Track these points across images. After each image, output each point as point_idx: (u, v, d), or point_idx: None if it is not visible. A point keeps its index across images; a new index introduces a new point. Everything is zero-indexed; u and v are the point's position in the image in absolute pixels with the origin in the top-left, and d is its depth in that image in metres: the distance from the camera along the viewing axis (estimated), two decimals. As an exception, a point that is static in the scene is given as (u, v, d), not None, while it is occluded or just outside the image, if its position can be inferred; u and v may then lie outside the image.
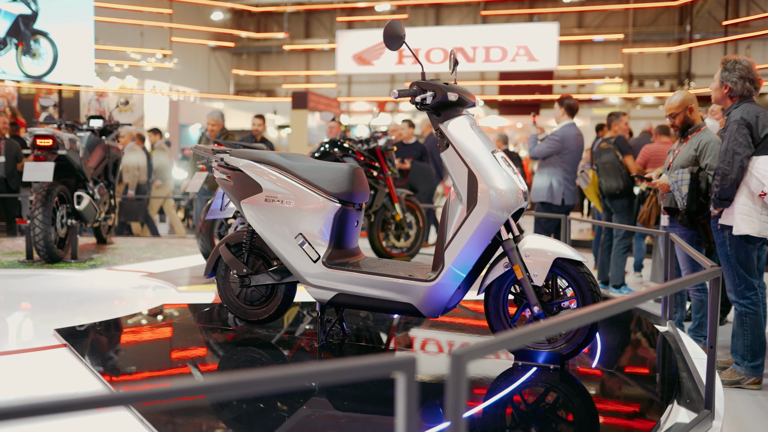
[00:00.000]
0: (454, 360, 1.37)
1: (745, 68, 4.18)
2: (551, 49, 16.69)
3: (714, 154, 4.71)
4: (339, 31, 18.74)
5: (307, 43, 27.85)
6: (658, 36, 26.62)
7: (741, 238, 4.07)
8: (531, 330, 1.60)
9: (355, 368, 1.31)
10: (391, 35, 3.29)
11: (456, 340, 3.93)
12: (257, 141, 7.99)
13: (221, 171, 3.80)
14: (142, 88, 19.90)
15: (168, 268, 6.29)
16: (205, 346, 3.76)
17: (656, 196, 6.93)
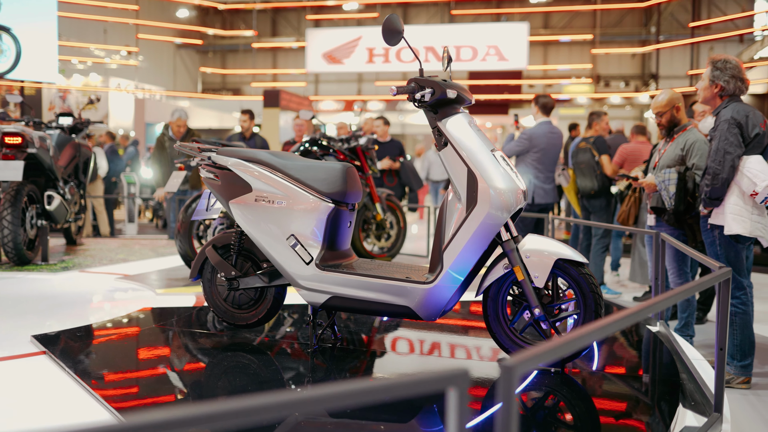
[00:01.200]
0: (505, 371, 1.29)
1: (735, 67, 4.18)
2: (521, 49, 16.75)
3: (701, 154, 4.70)
4: (309, 30, 18.58)
5: (275, 42, 27.58)
6: (622, 37, 26.96)
7: (731, 237, 4.07)
8: (583, 333, 1.52)
9: (402, 385, 1.22)
10: (390, 30, 3.19)
11: (457, 343, 3.85)
12: (247, 138, 7.81)
13: (208, 170, 3.67)
14: (106, 86, 19.48)
15: (143, 270, 6.11)
16: (194, 351, 3.62)
17: (635, 195, 6.96)
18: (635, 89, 25.48)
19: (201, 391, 3.02)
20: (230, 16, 29.49)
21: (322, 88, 29.18)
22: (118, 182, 11.92)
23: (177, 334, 3.94)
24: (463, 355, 3.66)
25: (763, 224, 3.94)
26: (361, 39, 17.42)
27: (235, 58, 30.13)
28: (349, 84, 29.32)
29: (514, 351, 3.29)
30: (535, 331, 3.32)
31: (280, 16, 29.65)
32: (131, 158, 12.76)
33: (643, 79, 26.61)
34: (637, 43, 26.92)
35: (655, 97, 5.02)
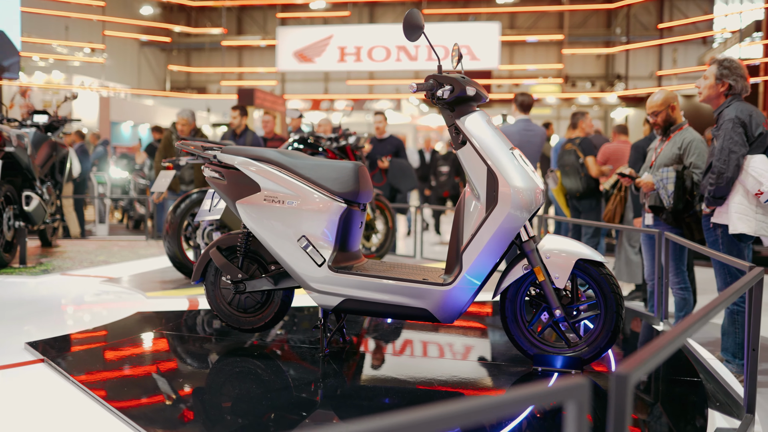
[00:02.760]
0: (619, 381, 1.22)
1: (740, 67, 4.19)
2: (493, 48, 16.80)
3: (698, 153, 4.71)
4: (279, 28, 18.36)
5: (241, 40, 27.25)
6: (587, 38, 27.26)
7: (734, 236, 4.08)
8: (674, 336, 1.46)
9: (521, 399, 1.14)
10: (410, 25, 3.12)
11: (468, 344, 3.78)
12: (238, 135, 7.62)
13: (213, 169, 3.54)
14: (69, 84, 19.02)
15: (127, 272, 5.93)
16: (200, 357, 3.50)
17: (620, 194, 6.99)
18: (600, 89, 25.77)
19: (215, 398, 2.90)
20: (195, 14, 29.06)
21: (288, 87, 28.93)
22: (88, 182, 11.61)
23: (179, 338, 3.80)
24: (478, 356, 3.59)
25: (767, 223, 3.96)
26: (332, 38, 17.29)
27: (200, 56, 29.70)
28: (316, 83, 29.13)
29: (532, 353, 3.24)
30: (554, 332, 3.27)
31: (245, 14, 29.32)
32: (99, 158, 12.44)
33: (607, 79, 26.94)
34: (602, 44, 27.25)
35: (650, 97, 5.02)
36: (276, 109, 14.38)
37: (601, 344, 3.16)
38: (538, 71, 26.22)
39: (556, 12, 26.47)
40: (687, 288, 4.84)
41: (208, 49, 28.31)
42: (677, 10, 25.81)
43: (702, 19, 21.36)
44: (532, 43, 27.50)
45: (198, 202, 5.43)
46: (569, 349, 3.21)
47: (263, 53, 28.99)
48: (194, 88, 29.40)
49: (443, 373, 3.30)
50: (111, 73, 23.91)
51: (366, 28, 20.43)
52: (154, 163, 7.78)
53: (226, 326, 3.86)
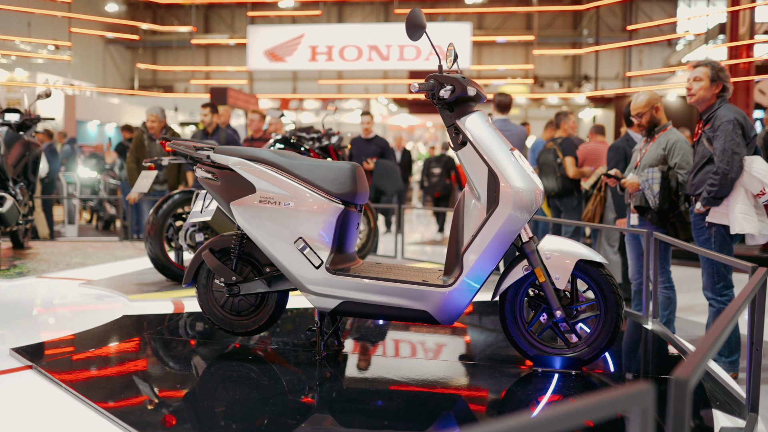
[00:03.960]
0: (678, 386, 1.20)
1: (727, 70, 4.25)
2: (464, 49, 16.83)
3: (682, 153, 4.76)
4: (250, 27, 18.16)
5: (211, 38, 26.95)
6: (553, 39, 27.51)
7: (727, 235, 4.13)
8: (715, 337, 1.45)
9: (585, 410, 1.11)
10: (413, 24, 3.09)
11: (465, 345, 3.76)
12: (210, 134, 7.49)
13: (206, 170, 3.47)
14: (33, 81, 18.60)
15: (106, 274, 5.80)
16: (192, 361, 3.42)
17: (600, 194, 7.04)
18: (568, 90, 26.03)
19: (210, 403, 2.84)
20: (161, 12, 28.67)
21: (257, 87, 28.70)
22: (56, 182, 11.36)
23: (169, 342, 3.72)
24: (475, 357, 3.57)
25: (765, 223, 4.02)
26: (303, 37, 17.17)
27: (166, 54, 29.30)
28: (285, 82, 28.94)
29: (532, 354, 3.23)
30: (554, 333, 3.27)
31: (213, 12, 29.00)
32: (67, 156, 12.19)
33: (574, 80, 27.22)
34: (569, 45, 27.53)
35: (634, 98, 5.06)
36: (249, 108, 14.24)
37: (601, 344, 3.17)
38: (507, 72, 26.39)
39: (523, 13, 26.67)
40: (671, 287, 4.89)
41: (175, 48, 27.93)
42: (642, 12, 26.17)
43: (667, 21, 21.70)
44: (500, 43, 27.66)
45: (180, 203, 5.34)
46: (569, 350, 3.21)
47: (231, 52, 28.71)
48: (161, 87, 28.97)
49: (441, 375, 3.27)
50: (75, 70, 23.47)
51: (337, 27, 20.34)
52: (127, 162, 7.62)
53: (218, 330, 3.79)
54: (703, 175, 4.23)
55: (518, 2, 26.06)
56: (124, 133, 11.81)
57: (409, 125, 22.97)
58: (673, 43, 24.97)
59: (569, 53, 26.09)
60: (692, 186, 4.35)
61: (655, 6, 26.09)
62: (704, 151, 4.24)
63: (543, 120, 21.86)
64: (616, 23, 26.70)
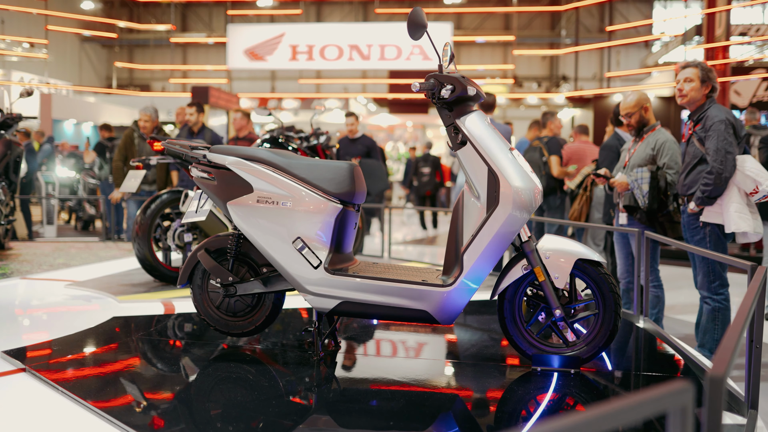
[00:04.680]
0: (713, 383, 1.21)
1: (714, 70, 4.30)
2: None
3: (671, 153, 4.81)
4: (230, 25, 18.03)
5: (189, 37, 26.73)
6: (531, 39, 27.67)
7: (722, 234, 4.18)
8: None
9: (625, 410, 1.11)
10: (414, 24, 3.08)
11: (462, 344, 3.75)
12: (195, 133, 7.42)
13: (202, 169, 3.44)
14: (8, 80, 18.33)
15: (91, 275, 5.72)
16: (187, 362, 3.38)
17: (586, 194, 7.09)
18: (546, 90, 26.20)
19: (207, 405, 2.80)
20: (138, 10, 28.39)
21: (235, 86, 28.52)
22: (35, 182, 11.19)
23: (164, 344, 3.68)
24: (473, 357, 3.57)
25: (759, 221, 4.07)
26: (284, 36, 17.09)
27: (143, 53, 29.01)
28: (263, 81, 28.79)
29: (531, 353, 3.24)
30: (552, 331, 3.28)
31: (190, 10, 28.78)
32: (47, 156, 12.01)
33: (552, 80, 27.40)
34: (546, 45, 27.70)
35: (623, 99, 5.10)
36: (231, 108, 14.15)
37: (599, 343, 3.18)
38: (486, 72, 26.49)
39: (502, 13, 26.79)
40: (660, 286, 4.94)
41: (152, 46, 27.66)
42: (618, 13, 26.42)
43: (645, 23, 21.92)
44: (479, 44, 27.76)
45: (169, 203, 5.28)
46: (567, 349, 3.23)
47: (209, 51, 28.52)
48: (137, 86, 28.68)
49: (439, 375, 3.28)
50: (51, 69, 23.16)
51: (318, 26, 20.26)
52: (114, 160, 7.53)
53: (212, 330, 3.76)
54: (695, 175, 4.27)
55: (497, 2, 26.18)
56: (103, 132, 11.67)
57: (389, 125, 22.96)
58: (649, 44, 25.24)
59: (548, 54, 26.26)
60: (684, 186, 4.39)
61: (632, 7, 26.35)
62: (695, 151, 4.28)
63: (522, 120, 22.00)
64: (593, 24, 26.93)
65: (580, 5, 17.55)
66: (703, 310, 4.39)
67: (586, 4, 18.19)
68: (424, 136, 22.38)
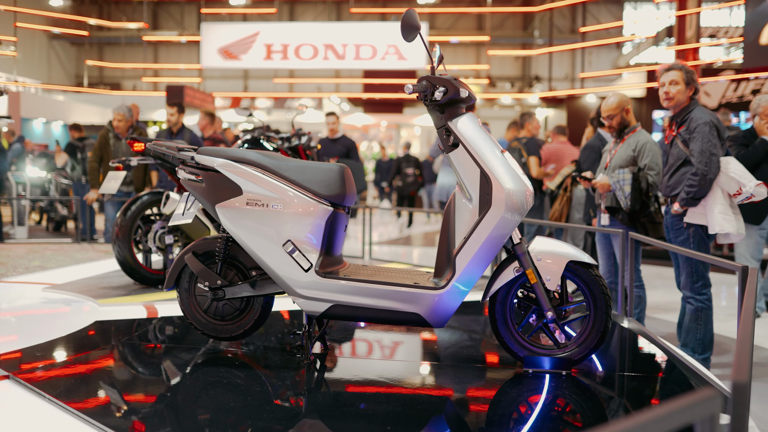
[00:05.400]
0: (738, 389, 1.21)
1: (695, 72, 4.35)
2: (421, 48, 16.89)
3: (652, 155, 4.86)
4: (204, 24, 17.85)
5: (160, 35, 26.42)
6: (504, 40, 27.83)
7: (704, 235, 4.22)
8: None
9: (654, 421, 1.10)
10: (408, 25, 3.06)
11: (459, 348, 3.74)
12: (174, 134, 7.32)
13: (189, 171, 3.39)
14: (-25, 78, 17.96)
15: (69, 278, 5.62)
16: (174, 367, 3.33)
17: (566, 195, 7.14)
18: (519, 90, 26.38)
19: (195, 410, 2.76)
20: (108, 7, 28.01)
21: (207, 85, 28.26)
22: (5, 182, 10.97)
23: (149, 348, 3.62)
24: (463, 359, 3.57)
25: (741, 223, 4.12)
26: (259, 35, 16.97)
27: (113, 51, 28.63)
28: (236, 80, 28.58)
29: (522, 355, 3.25)
30: (544, 333, 3.29)
31: (162, 8, 28.47)
32: (17, 155, 11.78)
33: (525, 80, 27.59)
34: (519, 45, 27.88)
35: (604, 101, 5.14)
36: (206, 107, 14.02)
37: (590, 345, 3.20)
38: (459, 72, 26.58)
39: (474, 14, 26.91)
40: (642, 286, 4.99)
41: (123, 44, 27.30)
42: (590, 14, 26.68)
43: (617, 24, 22.16)
44: (453, 44, 27.85)
45: (149, 204, 5.21)
46: (559, 350, 3.24)
47: (181, 49, 28.24)
48: (108, 84, 28.29)
49: (430, 377, 3.27)
50: (19, 67, 22.75)
51: (293, 25, 20.15)
52: (89, 161, 7.40)
53: (199, 334, 3.71)
54: (679, 177, 4.31)
55: (470, 3, 26.28)
56: (73, 133, 11.49)
57: (363, 124, 22.94)
58: (620, 46, 25.53)
59: (521, 54, 26.43)
60: (668, 187, 4.43)
61: (603, 9, 26.63)
62: (679, 152, 4.33)
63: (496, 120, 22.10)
64: (565, 25, 27.17)
65: (554, 6, 17.69)
66: (686, 310, 4.44)
67: (560, 5, 18.35)
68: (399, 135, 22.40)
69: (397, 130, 23.00)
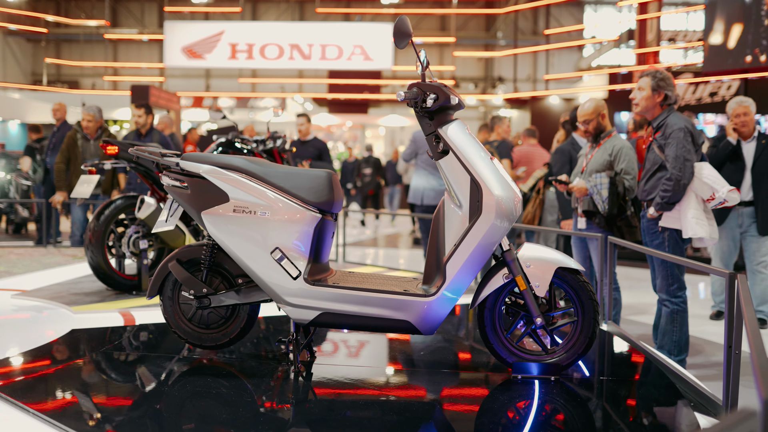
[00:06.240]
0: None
1: (671, 78, 4.41)
2: (387, 49, 16.91)
3: (627, 159, 4.93)
4: (167, 22, 17.59)
5: (122, 33, 25.95)
6: (467, 41, 27.98)
7: (679, 239, 4.30)
8: None
9: None
10: (400, 32, 3.06)
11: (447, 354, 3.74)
12: (143, 136, 7.18)
13: (174, 177, 3.33)
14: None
15: (39, 284, 5.48)
16: (156, 376, 3.26)
17: (539, 197, 7.20)
18: (482, 91, 26.55)
19: (179, 421, 2.71)
20: (66, 4, 27.41)
21: (169, 84, 27.85)
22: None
23: (129, 357, 3.54)
24: (452, 365, 3.57)
25: (714, 228, 4.20)
26: (223, 33, 16.78)
27: (70, 48, 28.03)
28: (197, 79, 28.22)
29: (511, 361, 3.26)
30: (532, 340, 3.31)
31: (121, 5, 27.96)
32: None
33: (488, 81, 27.78)
34: (482, 47, 28.07)
35: (581, 106, 5.20)
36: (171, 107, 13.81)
37: (578, 350, 3.23)
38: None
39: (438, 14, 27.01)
40: (617, 289, 5.06)
41: (82, 42, 26.75)
42: (552, 16, 26.99)
43: (578, 27, 22.44)
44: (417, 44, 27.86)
45: (123, 209, 5.10)
46: (547, 356, 3.26)
47: (141, 47, 27.78)
48: (65, 82, 27.70)
49: (420, 384, 3.26)
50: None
51: (258, 25, 19.98)
52: (56, 162, 7.23)
53: (182, 343, 3.65)
54: (655, 181, 4.38)
55: (433, 4, 26.37)
56: (31, 134, 11.23)
57: (328, 124, 22.86)
58: (582, 48, 25.86)
59: (485, 55, 26.60)
60: (644, 191, 4.50)
61: (564, 11, 26.95)
62: (655, 158, 4.40)
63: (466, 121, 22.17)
64: (527, 26, 27.41)
65: (519, 8, 17.86)
66: (662, 312, 4.52)
67: (523, 7, 18.54)
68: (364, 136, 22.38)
69: (362, 131, 22.97)
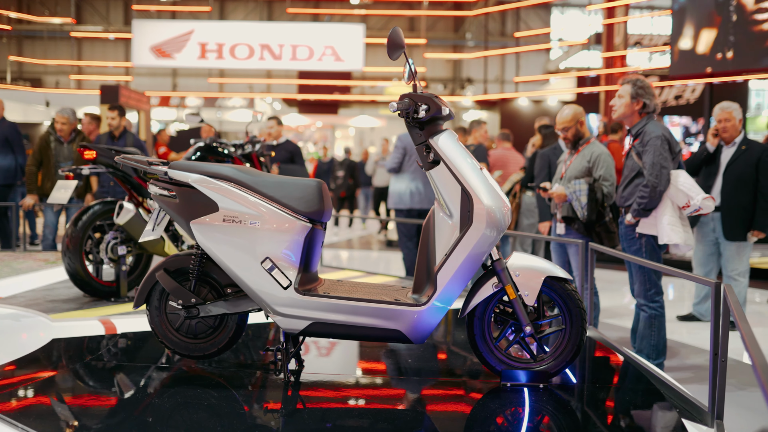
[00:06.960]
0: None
1: (651, 87, 4.50)
2: (358, 50, 16.90)
3: (606, 166, 5.01)
4: (135, 20, 17.36)
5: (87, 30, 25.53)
6: (436, 42, 28.08)
7: (656, 245, 4.38)
8: None
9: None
10: (393, 44, 3.07)
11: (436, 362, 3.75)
12: (116, 138, 7.06)
13: (162, 187, 3.30)
14: None
15: (13, 290, 5.37)
16: (144, 387, 3.22)
17: (515, 201, 7.27)
18: (451, 92, 26.68)
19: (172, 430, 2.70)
20: (28, 0, 26.87)
21: (135, 83, 27.48)
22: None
23: (115, 368, 3.50)
24: (441, 373, 3.59)
25: (689, 234, 4.29)
26: (193, 33, 16.62)
27: (33, 45, 27.47)
28: (164, 78, 27.88)
29: (500, 369, 3.29)
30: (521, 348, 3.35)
31: (86, 2, 27.51)
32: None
33: (456, 82, 27.92)
34: (450, 48, 28.19)
35: (559, 113, 5.27)
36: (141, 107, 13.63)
37: (567, 357, 3.27)
38: (392, 73, 26.69)
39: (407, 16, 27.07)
40: (596, 293, 5.14)
41: (45, 39, 26.26)
42: (521, 20, 27.23)
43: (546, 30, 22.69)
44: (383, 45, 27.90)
45: (101, 214, 5.03)
46: (536, 364, 3.30)
47: (106, 45, 27.36)
48: (28, 80, 27.16)
49: (408, 392, 3.28)
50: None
51: (228, 24, 19.78)
52: (27, 166, 7.09)
53: (167, 352, 3.62)
54: (633, 188, 4.46)
55: (402, 5, 26.41)
56: None
57: (297, 125, 22.77)
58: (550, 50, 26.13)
59: (455, 57, 26.72)
60: (622, 198, 4.58)
61: (532, 13, 27.19)
62: (633, 164, 4.48)
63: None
64: (495, 28, 27.59)
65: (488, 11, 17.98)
66: (640, 317, 4.60)
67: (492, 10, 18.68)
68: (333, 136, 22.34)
69: (332, 131, 22.92)
